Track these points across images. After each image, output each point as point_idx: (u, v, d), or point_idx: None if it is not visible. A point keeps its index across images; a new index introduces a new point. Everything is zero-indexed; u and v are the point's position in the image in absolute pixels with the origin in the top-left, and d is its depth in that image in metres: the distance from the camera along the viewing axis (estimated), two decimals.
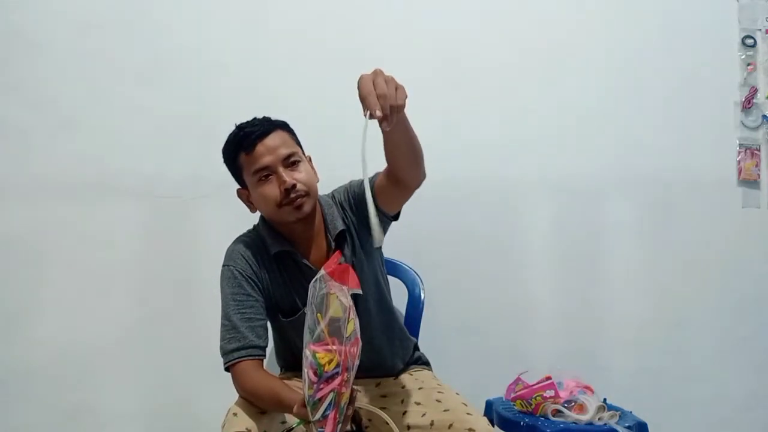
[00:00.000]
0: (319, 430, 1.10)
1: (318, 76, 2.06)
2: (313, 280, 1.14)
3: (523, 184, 2.15)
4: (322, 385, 1.09)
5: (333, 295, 1.13)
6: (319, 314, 1.12)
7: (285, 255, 1.51)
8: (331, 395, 1.09)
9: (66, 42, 1.96)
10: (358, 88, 1.17)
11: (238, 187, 1.54)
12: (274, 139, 1.45)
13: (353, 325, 1.12)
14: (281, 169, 1.43)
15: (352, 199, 1.53)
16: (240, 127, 1.48)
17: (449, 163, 2.09)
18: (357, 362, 1.12)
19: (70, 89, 1.96)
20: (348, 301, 1.12)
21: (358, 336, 1.13)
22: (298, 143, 1.52)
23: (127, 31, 1.99)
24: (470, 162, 2.12)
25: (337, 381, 1.09)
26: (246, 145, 1.44)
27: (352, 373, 1.11)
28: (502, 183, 2.14)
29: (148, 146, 1.98)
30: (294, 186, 1.42)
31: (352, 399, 1.14)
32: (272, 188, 1.44)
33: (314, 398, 1.10)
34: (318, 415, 1.10)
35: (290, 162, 1.45)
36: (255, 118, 1.50)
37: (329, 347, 1.10)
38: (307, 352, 1.11)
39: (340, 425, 1.11)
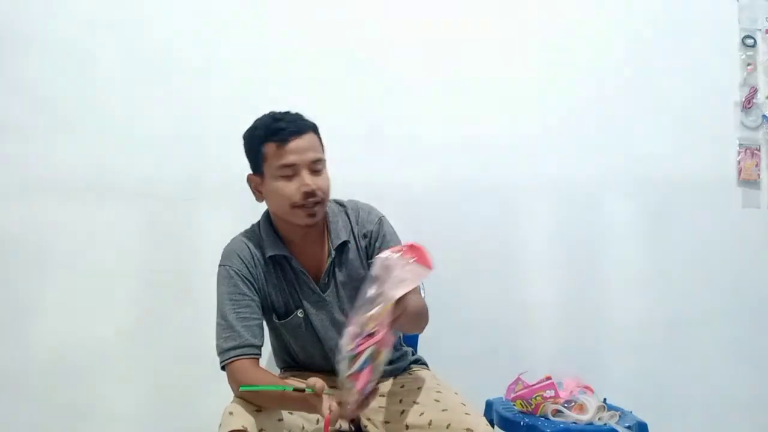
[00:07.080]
0: (349, 384, 1.14)
1: (318, 76, 2.06)
2: (384, 256, 1.22)
3: (523, 184, 2.15)
4: (362, 341, 1.14)
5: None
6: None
7: (281, 258, 1.51)
8: (370, 350, 1.14)
9: (66, 42, 1.96)
10: None
11: (249, 173, 1.51)
12: (307, 140, 1.44)
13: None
14: (306, 173, 1.42)
15: (374, 245, 1.53)
16: (275, 118, 1.46)
17: (449, 164, 2.10)
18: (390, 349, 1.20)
19: (70, 89, 1.96)
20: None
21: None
22: (323, 149, 1.51)
23: (126, 31, 1.99)
24: (471, 163, 2.12)
25: (378, 336, 1.14)
26: (280, 137, 1.42)
27: (384, 354, 1.17)
28: (503, 184, 2.14)
29: (147, 147, 1.98)
30: (314, 192, 1.42)
31: (375, 390, 1.18)
32: (291, 188, 1.43)
33: (353, 352, 1.14)
34: (354, 368, 1.13)
35: (316, 167, 1.44)
36: (289, 113, 1.47)
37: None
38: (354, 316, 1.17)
39: (371, 384, 1.15)
